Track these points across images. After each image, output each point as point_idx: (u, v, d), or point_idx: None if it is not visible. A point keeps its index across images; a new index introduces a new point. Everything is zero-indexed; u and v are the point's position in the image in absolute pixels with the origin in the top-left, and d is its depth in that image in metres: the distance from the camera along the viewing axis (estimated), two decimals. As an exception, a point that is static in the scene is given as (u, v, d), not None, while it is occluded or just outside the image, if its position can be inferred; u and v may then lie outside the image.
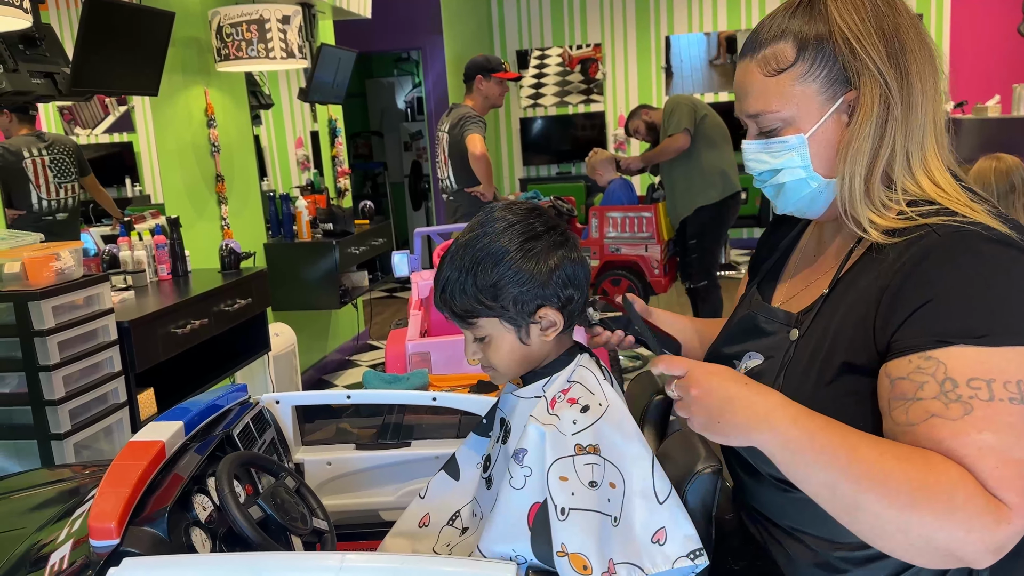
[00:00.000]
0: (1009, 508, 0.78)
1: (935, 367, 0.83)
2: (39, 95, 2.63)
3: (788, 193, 1.00)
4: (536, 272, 1.04)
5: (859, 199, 0.94)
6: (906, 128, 0.93)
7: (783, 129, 0.97)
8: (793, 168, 0.97)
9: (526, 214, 1.08)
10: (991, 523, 0.78)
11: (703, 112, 4.26)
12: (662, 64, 7.65)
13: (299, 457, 1.55)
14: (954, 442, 0.81)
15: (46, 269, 2.13)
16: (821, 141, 0.96)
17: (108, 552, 0.94)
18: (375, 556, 0.94)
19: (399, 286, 7.13)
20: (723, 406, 0.88)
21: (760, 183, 1.03)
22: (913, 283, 0.86)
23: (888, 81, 0.92)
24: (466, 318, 1.09)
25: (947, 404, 0.82)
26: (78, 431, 2.17)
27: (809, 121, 0.95)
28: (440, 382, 2.26)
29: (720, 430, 0.88)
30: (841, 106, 0.94)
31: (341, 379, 4.65)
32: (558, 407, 1.02)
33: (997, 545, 0.79)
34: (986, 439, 0.80)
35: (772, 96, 0.96)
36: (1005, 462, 0.79)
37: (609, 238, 4.69)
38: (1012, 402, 0.80)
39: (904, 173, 0.94)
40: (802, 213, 1.03)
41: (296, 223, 4.14)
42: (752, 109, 0.98)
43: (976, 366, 0.82)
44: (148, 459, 1.07)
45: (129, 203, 3.34)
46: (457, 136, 3.91)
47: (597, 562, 0.91)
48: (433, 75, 6.69)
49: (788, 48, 0.94)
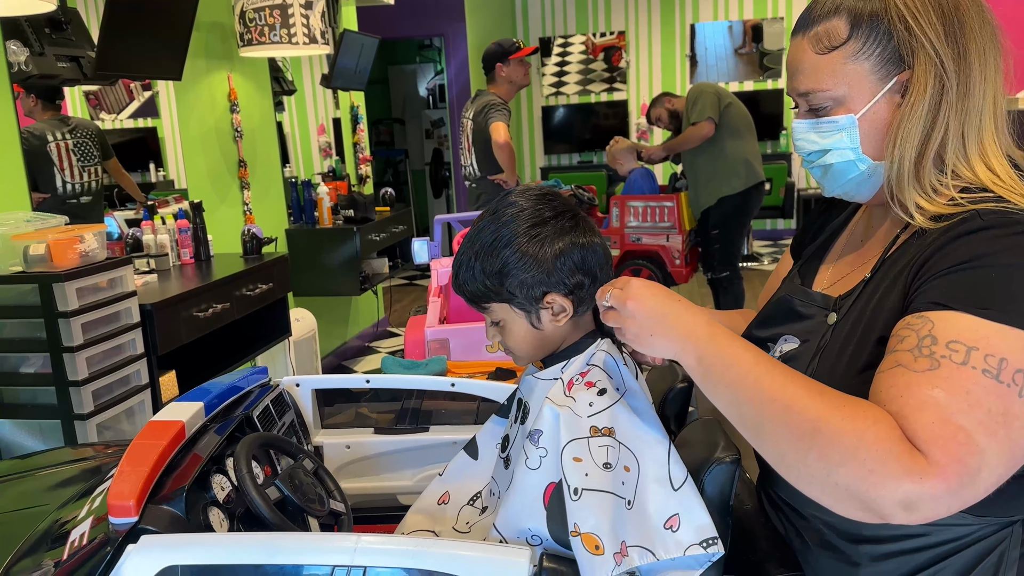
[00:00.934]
0: (928, 464, 0.74)
1: (923, 324, 0.81)
2: (65, 79, 2.66)
3: (835, 175, 0.98)
4: (541, 258, 1.04)
5: (907, 182, 0.91)
6: (962, 110, 0.90)
7: (833, 108, 0.94)
8: (842, 149, 0.95)
9: (537, 199, 1.07)
10: (900, 472, 0.74)
11: (727, 100, 4.20)
12: (686, 52, 7.58)
13: (318, 440, 1.56)
14: (903, 390, 0.78)
15: (70, 251, 2.15)
16: (872, 122, 0.93)
17: (127, 529, 0.95)
18: (390, 538, 0.94)
19: (419, 274, 7.14)
20: (656, 320, 0.90)
21: (807, 164, 1.01)
22: (941, 255, 0.85)
23: (944, 61, 0.88)
24: (479, 302, 1.10)
25: (916, 357, 0.79)
26: (101, 412, 2.19)
27: (861, 101, 0.93)
28: (458, 368, 2.26)
29: (650, 343, 0.91)
30: (894, 86, 0.91)
31: (360, 365, 4.67)
32: (575, 389, 1.02)
33: (905, 498, 0.74)
34: (936, 395, 0.76)
35: (823, 74, 0.93)
36: (944, 421, 0.75)
37: (630, 227, 4.66)
38: (985, 374, 0.76)
39: (958, 157, 0.91)
40: (850, 197, 1.01)
41: (317, 209, 4.15)
42: (802, 87, 0.96)
43: (965, 332, 0.79)
44: (168, 439, 1.08)
45: (153, 188, 3.37)
46: (481, 123, 3.90)
47: (609, 542, 0.90)
48: (455, 62, 6.68)
49: (841, 25, 0.92)
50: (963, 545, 0.90)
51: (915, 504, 0.75)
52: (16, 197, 2.47)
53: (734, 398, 0.86)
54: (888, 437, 0.76)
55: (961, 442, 0.74)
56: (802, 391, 0.82)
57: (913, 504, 0.75)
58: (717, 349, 0.88)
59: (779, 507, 1.07)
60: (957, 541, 0.90)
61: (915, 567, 0.92)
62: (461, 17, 6.56)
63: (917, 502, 0.75)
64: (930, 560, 0.91)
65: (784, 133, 7.44)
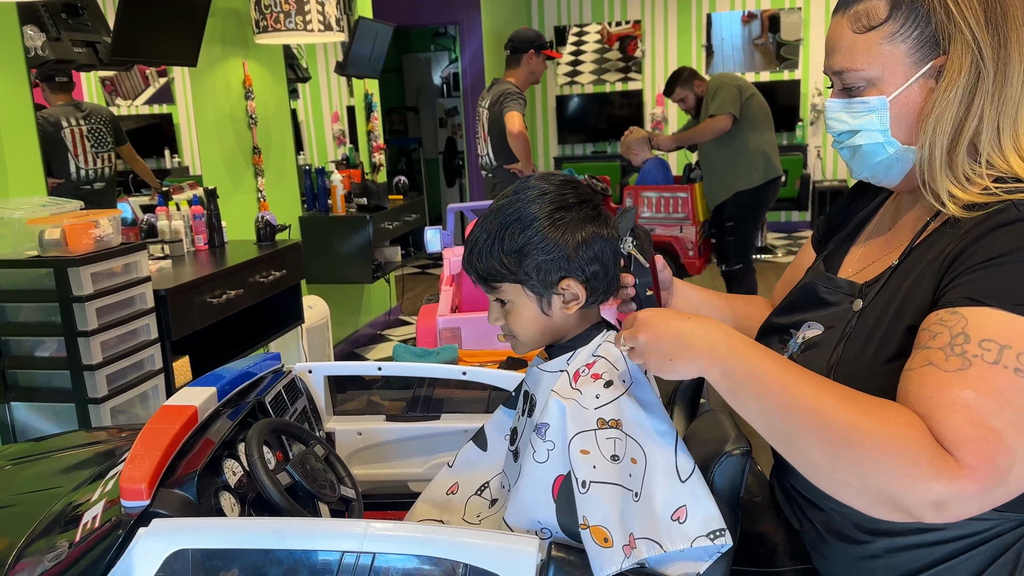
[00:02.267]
0: (960, 466, 0.75)
1: (956, 320, 0.81)
2: (80, 64, 2.67)
3: (863, 157, 0.97)
4: (562, 242, 1.03)
5: (939, 169, 0.91)
6: (999, 100, 0.89)
7: (866, 89, 0.94)
8: (871, 131, 0.95)
9: (561, 184, 1.07)
10: (932, 474, 0.75)
11: (748, 93, 4.15)
12: (703, 42, 7.53)
13: (330, 426, 1.56)
14: (935, 391, 0.78)
15: (85, 236, 2.16)
16: (904, 106, 0.93)
17: (138, 512, 0.96)
18: (399, 525, 0.94)
19: (431, 263, 7.15)
20: (672, 345, 0.90)
21: (837, 144, 1.01)
22: (976, 247, 0.84)
23: (982, 48, 0.88)
24: (490, 281, 1.09)
25: (948, 356, 0.79)
26: (115, 396, 2.21)
27: (894, 83, 0.92)
28: (470, 357, 2.26)
29: (673, 368, 0.91)
30: (929, 71, 0.91)
31: (373, 353, 4.69)
32: (581, 381, 1.02)
33: (937, 499, 0.75)
34: (966, 396, 0.76)
35: (858, 53, 0.93)
36: (975, 423, 0.76)
37: (643, 218, 4.64)
38: (1017, 373, 0.76)
39: (992, 147, 0.90)
40: (877, 180, 1.00)
41: (331, 197, 4.16)
42: (837, 65, 0.96)
43: (998, 329, 0.78)
44: (180, 423, 1.09)
45: (168, 174, 3.38)
46: (497, 113, 3.88)
47: (618, 535, 0.90)
48: (470, 51, 6.66)
49: (881, 5, 0.91)
50: (981, 541, 0.90)
51: (946, 504, 0.76)
52: (32, 182, 2.48)
53: (762, 409, 0.85)
54: (919, 440, 0.76)
55: (992, 443, 0.75)
56: (831, 398, 0.82)
57: (944, 504, 0.76)
58: (740, 361, 0.87)
59: (793, 498, 1.07)
60: (975, 536, 0.90)
61: (932, 561, 0.91)
62: (476, 5, 6.53)
63: (948, 502, 0.75)
64: (947, 555, 0.91)
65: (800, 124, 7.38)
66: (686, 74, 4.44)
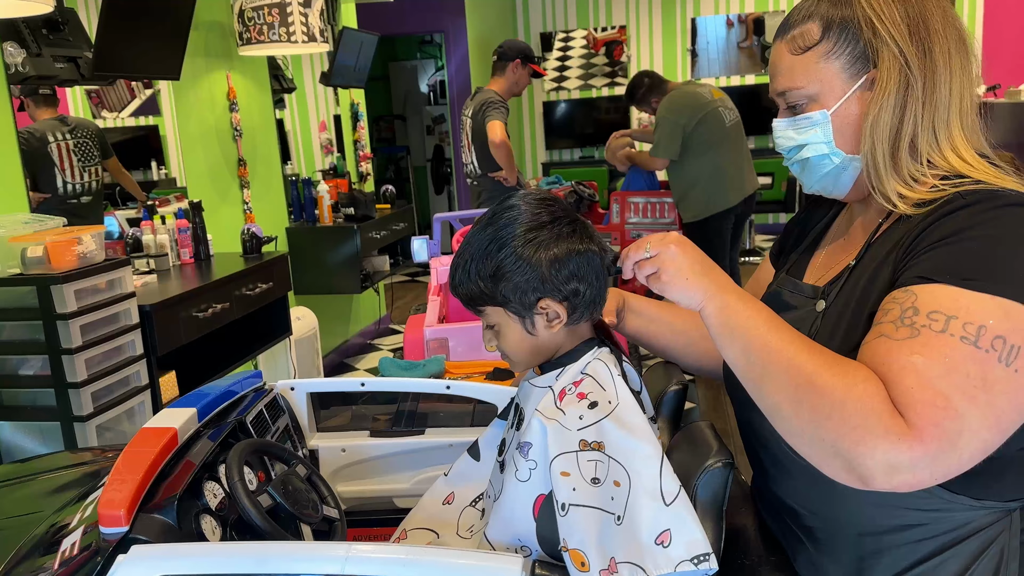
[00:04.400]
0: (908, 427, 0.77)
1: (907, 297, 0.85)
2: (62, 79, 2.65)
3: (812, 169, 1.04)
4: (536, 262, 1.03)
5: (885, 173, 0.97)
6: (930, 105, 0.95)
7: (808, 105, 1.01)
8: (816, 144, 1.01)
9: (536, 204, 1.06)
10: (880, 430, 0.77)
11: (699, 116, 3.86)
12: (688, 46, 7.55)
13: (314, 444, 1.56)
14: (885, 357, 0.82)
15: (68, 253, 2.15)
16: (844, 118, 0.99)
17: (117, 539, 0.95)
18: (381, 546, 0.94)
19: (421, 270, 7.14)
20: (693, 266, 0.96)
21: (787, 160, 1.07)
22: (927, 232, 0.89)
23: (908, 59, 0.94)
24: (475, 305, 1.09)
25: (898, 327, 0.83)
26: (100, 413, 2.20)
27: (832, 98, 0.99)
28: (457, 369, 2.26)
29: (682, 286, 0.96)
30: (864, 84, 0.97)
31: (363, 363, 4.67)
32: (566, 400, 1.01)
33: (886, 460, 0.77)
34: (915, 360, 0.80)
35: (798, 73, 1.00)
36: (923, 386, 0.78)
37: (630, 223, 4.65)
38: (963, 341, 0.79)
39: (931, 147, 0.97)
40: (828, 192, 1.06)
41: (318, 207, 4.15)
42: (780, 86, 1.03)
43: (946, 302, 0.82)
44: (160, 446, 1.08)
45: (155, 186, 3.37)
46: (479, 121, 3.89)
47: (596, 559, 0.89)
48: (456, 58, 6.66)
49: (815, 28, 0.99)
50: (965, 535, 0.91)
51: (896, 467, 0.77)
52: (14, 199, 2.47)
53: (745, 346, 0.91)
54: (874, 395, 0.79)
55: (940, 406, 0.77)
56: (805, 348, 0.87)
57: (894, 468, 0.77)
58: (739, 302, 0.94)
59: (773, 506, 1.07)
60: (958, 530, 0.91)
61: (919, 558, 0.93)
62: (461, 13, 6.54)
63: (898, 465, 0.77)
64: (933, 551, 0.92)
65: (787, 127, 7.40)
66: (642, 92, 4.20)
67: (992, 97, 4.93)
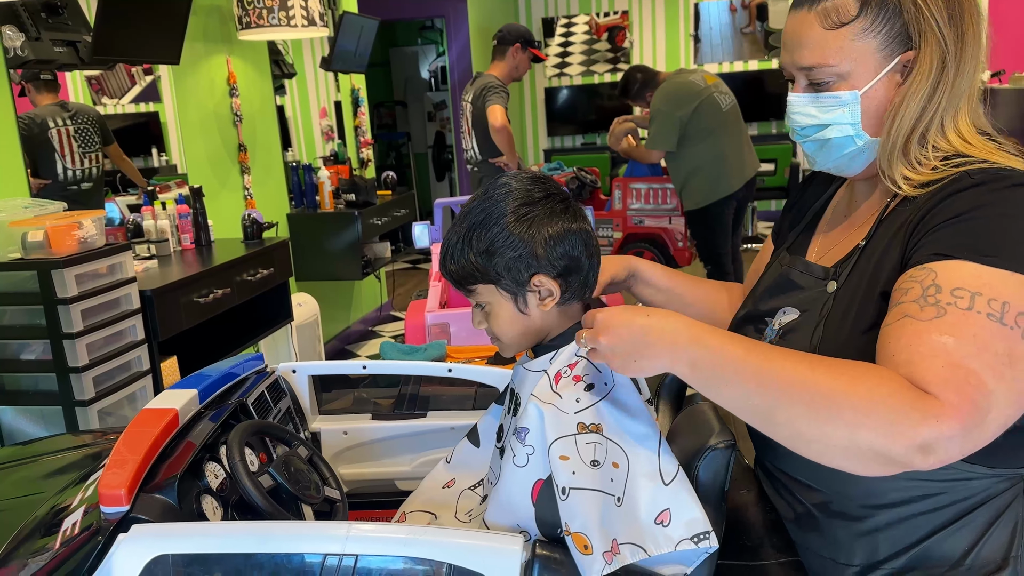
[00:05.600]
0: (943, 405, 0.76)
1: (926, 275, 0.83)
2: (61, 64, 2.64)
3: (832, 149, 1.00)
4: (528, 237, 1.02)
5: (895, 157, 0.95)
6: (953, 92, 0.93)
7: (836, 84, 0.96)
8: (842, 124, 0.97)
9: (528, 181, 1.06)
10: (918, 416, 0.76)
11: (694, 105, 3.82)
12: (690, 32, 7.51)
13: (316, 426, 1.56)
14: (913, 339, 0.80)
15: (69, 238, 2.15)
16: (872, 99, 0.96)
17: (118, 519, 0.95)
18: (382, 526, 0.94)
19: (422, 257, 7.14)
20: (635, 343, 0.88)
21: (801, 137, 1.02)
22: (937, 210, 0.88)
23: (948, 44, 0.92)
24: (465, 284, 1.09)
25: (922, 307, 0.81)
26: (102, 398, 2.20)
27: (864, 78, 0.95)
28: (458, 353, 2.26)
29: (639, 367, 0.90)
30: (897, 65, 0.94)
31: (364, 349, 4.68)
32: (562, 384, 1.01)
33: (922, 442, 0.76)
34: (945, 341, 0.79)
35: (830, 49, 0.95)
36: (955, 365, 0.77)
37: (632, 210, 4.64)
38: (990, 318, 0.79)
39: (937, 133, 0.95)
40: (840, 171, 1.03)
41: (319, 193, 4.14)
42: (806, 61, 0.97)
43: (968, 279, 0.81)
44: (161, 426, 1.08)
45: (156, 172, 3.36)
46: (480, 107, 3.87)
47: (598, 541, 0.89)
48: (457, 44, 6.63)
49: (851, 1, 0.93)
50: (977, 503, 0.92)
51: (932, 446, 0.76)
52: (14, 183, 2.46)
53: (739, 393, 0.84)
54: (899, 389, 0.77)
55: (973, 384, 0.76)
56: (804, 367, 0.82)
57: (930, 447, 0.76)
58: (705, 351, 0.86)
59: (781, 483, 1.07)
60: (970, 499, 0.91)
61: (932, 528, 0.93)
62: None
63: (933, 444, 0.76)
64: (947, 520, 0.92)
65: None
66: (636, 88, 4.15)
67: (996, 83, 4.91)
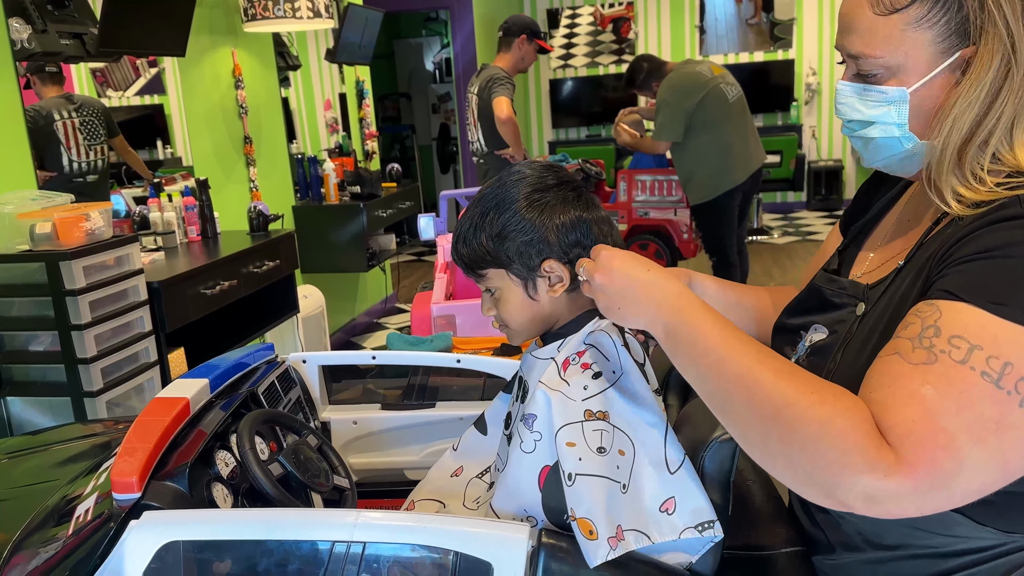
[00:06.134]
0: (898, 462, 0.70)
1: (930, 312, 0.76)
2: (68, 56, 2.65)
3: (877, 149, 0.90)
4: (540, 223, 1.04)
5: (947, 167, 0.83)
6: (1020, 98, 0.82)
7: (884, 78, 0.86)
8: (887, 124, 0.87)
9: (541, 169, 1.08)
10: (864, 466, 0.70)
11: (699, 96, 3.81)
12: (696, 23, 7.49)
13: (325, 416, 1.57)
14: (894, 380, 0.74)
15: (76, 229, 2.15)
16: (923, 99, 0.85)
17: (130, 505, 0.96)
18: (390, 514, 0.95)
19: (427, 250, 7.14)
20: (623, 292, 0.89)
21: (848, 131, 0.93)
22: (968, 240, 0.79)
23: (1016, 42, 0.80)
24: (476, 269, 1.10)
25: (914, 348, 0.74)
26: (110, 389, 2.21)
27: (915, 74, 0.84)
28: (464, 345, 2.27)
29: (620, 315, 0.90)
30: (955, 62, 0.83)
31: (369, 341, 4.69)
32: (570, 371, 1.01)
33: (867, 492, 0.71)
34: (925, 392, 0.71)
35: (879, 38, 0.84)
36: (927, 420, 0.70)
37: (637, 202, 4.64)
38: (984, 377, 0.70)
39: (1002, 142, 0.83)
40: (891, 170, 0.94)
41: (324, 186, 4.15)
42: (853, 48, 0.87)
43: (971, 327, 0.73)
44: (172, 415, 1.09)
45: (161, 165, 3.37)
46: (486, 98, 3.87)
47: (603, 527, 0.90)
48: (462, 35, 6.61)
49: None
50: (989, 557, 0.85)
51: (877, 499, 0.71)
52: (22, 175, 2.47)
53: (700, 373, 0.83)
54: (855, 429, 0.72)
55: (940, 444, 0.70)
56: (768, 371, 0.78)
57: (875, 499, 0.71)
58: (684, 321, 0.85)
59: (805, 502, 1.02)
60: (983, 552, 0.85)
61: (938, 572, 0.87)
62: (467, -11, 6.49)
63: (879, 496, 0.71)
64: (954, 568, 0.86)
65: (795, 104, 7.36)
66: (642, 77, 4.12)
67: None
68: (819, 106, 7.47)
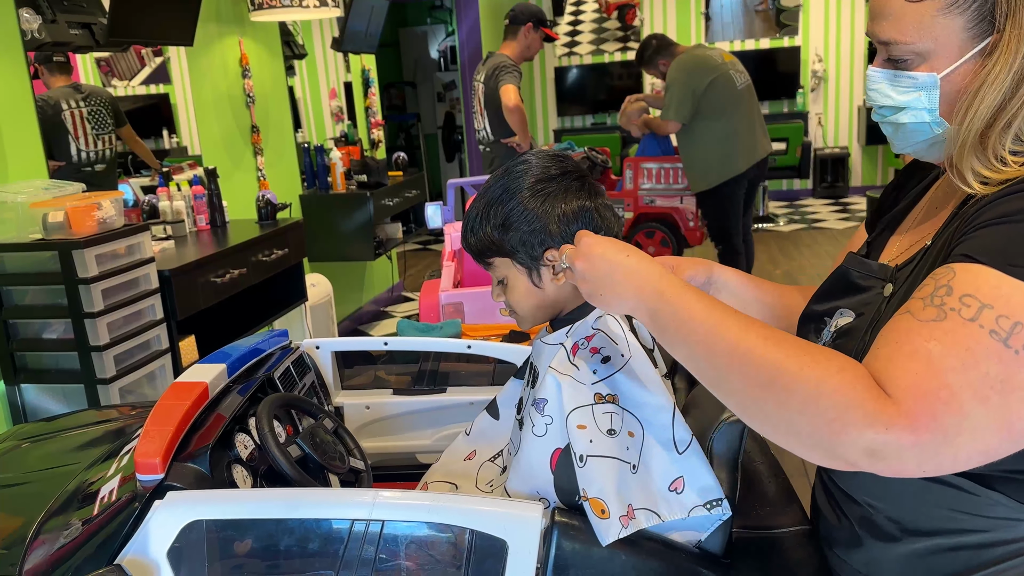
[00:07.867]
0: (899, 414, 0.70)
1: (945, 273, 0.76)
2: (77, 46, 2.66)
3: (907, 135, 0.90)
4: (542, 213, 1.06)
5: (968, 149, 0.83)
6: None
7: (915, 63, 0.86)
8: (918, 110, 0.87)
9: (547, 158, 1.10)
10: (863, 420, 0.71)
11: (708, 80, 3.83)
12: (701, 10, 7.46)
13: (339, 401, 1.59)
14: (901, 335, 0.74)
15: (89, 218, 2.17)
16: (955, 83, 0.84)
17: (153, 486, 0.98)
18: (407, 493, 0.97)
19: (433, 238, 7.16)
20: (604, 278, 0.89)
21: (879, 116, 0.93)
22: (986, 209, 0.79)
23: None
24: (483, 256, 1.13)
25: (925, 305, 0.75)
26: (122, 376, 2.24)
27: (946, 60, 0.84)
28: (472, 331, 2.29)
29: (603, 301, 0.91)
30: (986, 48, 0.82)
31: (376, 329, 4.71)
32: (580, 355, 1.04)
33: (869, 446, 0.71)
34: (931, 347, 0.72)
35: (909, 24, 0.84)
36: (932, 375, 0.71)
37: (643, 190, 4.64)
38: (992, 335, 0.70)
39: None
40: (920, 156, 0.94)
41: (331, 175, 4.16)
42: (884, 35, 0.86)
43: (984, 287, 0.73)
44: (192, 399, 1.11)
45: (167, 154, 3.38)
46: (492, 87, 3.87)
47: (615, 506, 0.92)
48: (467, 23, 6.60)
49: None
50: None
51: (880, 452, 0.71)
52: (33, 165, 2.49)
53: (690, 353, 0.84)
54: (852, 385, 0.73)
55: (942, 399, 0.70)
56: (757, 339, 0.79)
57: (878, 452, 0.71)
58: (667, 303, 0.85)
59: (831, 492, 1.00)
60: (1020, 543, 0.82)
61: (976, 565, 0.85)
62: (472, -23, 6.47)
63: (882, 450, 0.71)
64: (991, 560, 0.84)
65: (801, 92, 7.34)
66: (649, 53, 4.16)
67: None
68: (825, 93, 7.45)
